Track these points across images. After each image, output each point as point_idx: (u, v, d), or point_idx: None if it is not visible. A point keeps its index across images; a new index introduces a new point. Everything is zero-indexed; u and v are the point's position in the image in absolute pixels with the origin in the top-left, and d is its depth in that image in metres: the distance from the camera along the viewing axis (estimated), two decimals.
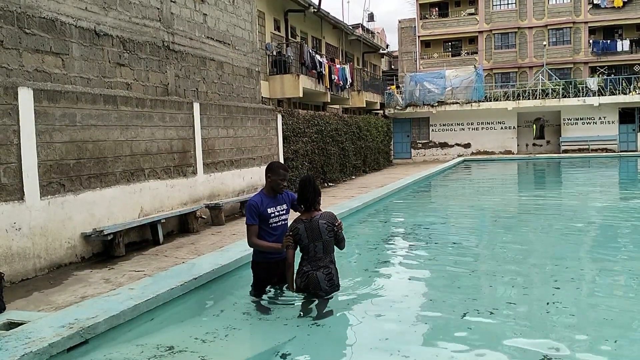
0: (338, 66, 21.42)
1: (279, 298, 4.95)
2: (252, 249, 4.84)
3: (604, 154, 26.90)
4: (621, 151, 27.21)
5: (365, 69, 29.61)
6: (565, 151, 27.89)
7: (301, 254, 4.53)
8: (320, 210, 4.57)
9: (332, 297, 4.63)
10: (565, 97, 27.57)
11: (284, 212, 4.80)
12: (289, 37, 19.64)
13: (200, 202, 9.95)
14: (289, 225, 4.74)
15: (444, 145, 29.96)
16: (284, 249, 4.56)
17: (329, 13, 22.50)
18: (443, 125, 29.83)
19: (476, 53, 37.68)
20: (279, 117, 13.61)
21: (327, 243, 4.42)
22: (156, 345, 4.10)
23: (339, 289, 4.54)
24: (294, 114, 15.08)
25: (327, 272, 4.40)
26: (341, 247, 4.60)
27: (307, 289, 4.44)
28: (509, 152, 28.80)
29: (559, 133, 28.76)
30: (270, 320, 4.62)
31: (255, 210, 4.65)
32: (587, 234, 8.82)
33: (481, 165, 25.29)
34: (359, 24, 35.42)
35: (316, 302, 4.58)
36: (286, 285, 4.75)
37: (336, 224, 4.45)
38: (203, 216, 10.08)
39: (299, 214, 4.67)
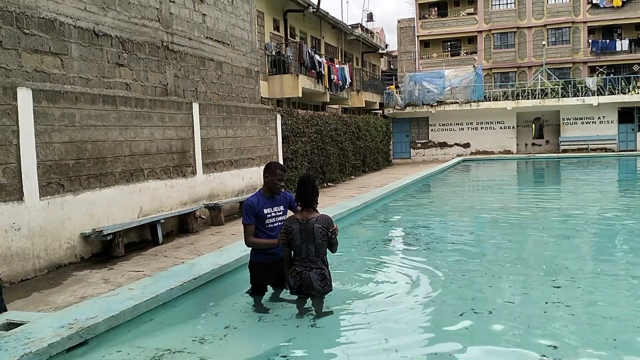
0: (337, 66, 21.43)
1: (278, 298, 4.95)
2: (250, 249, 4.84)
3: (604, 153, 26.91)
4: (620, 151, 27.23)
5: (365, 69, 29.61)
6: (565, 151, 27.91)
7: (293, 253, 4.50)
8: (317, 211, 4.53)
9: (325, 299, 4.62)
10: (564, 96, 27.57)
11: (281, 213, 4.78)
12: (288, 37, 19.64)
13: (200, 202, 9.95)
14: None
15: (443, 145, 29.96)
16: (280, 244, 4.54)
17: (328, 13, 22.50)
18: (442, 125, 29.84)
19: (475, 53, 37.69)
20: (278, 117, 13.61)
21: (319, 246, 4.39)
22: (155, 345, 4.10)
23: (331, 290, 4.52)
24: (293, 114, 15.08)
25: (320, 272, 4.38)
26: (333, 251, 4.55)
27: (301, 289, 4.43)
28: (508, 152, 28.80)
29: (558, 133, 28.78)
30: (269, 320, 4.62)
31: (252, 210, 4.64)
32: (587, 234, 8.83)
33: (480, 165, 25.30)
34: (358, 24, 35.45)
35: (310, 300, 4.57)
36: (285, 285, 4.75)
37: (331, 229, 4.42)
38: (202, 216, 10.09)
39: (295, 213, 4.64)
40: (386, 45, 42.15)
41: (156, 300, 4.66)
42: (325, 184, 16.88)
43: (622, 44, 34.69)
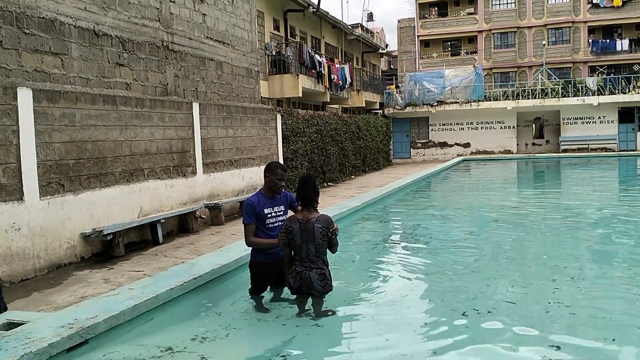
0: (337, 66, 21.42)
1: (278, 298, 4.95)
2: (250, 249, 4.84)
3: (604, 153, 26.90)
4: (620, 150, 27.23)
5: (365, 69, 29.61)
6: (565, 151, 27.90)
7: (294, 253, 4.50)
8: (317, 211, 4.53)
9: (325, 298, 4.61)
10: (564, 96, 27.56)
11: (282, 213, 4.77)
12: (289, 37, 19.64)
13: (200, 202, 9.95)
14: None
15: (443, 144, 29.96)
16: (280, 244, 4.54)
17: (328, 13, 22.50)
18: (442, 124, 29.84)
19: (475, 52, 37.69)
20: (279, 117, 13.61)
21: (319, 246, 4.39)
22: (156, 345, 4.10)
23: (332, 290, 4.52)
24: (294, 114, 15.07)
25: (320, 272, 4.38)
26: (333, 251, 4.55)
27: (301, 289, 4.42)
28: (509, 152, 28.80)
29: (558, 132, 28.78)
30: (269, 320, 4.62)
31: (252, 209, 4.64)
32: (587, 233, 8.82)
33: (480, 165, 25.31)
34: (358, 23, 35.48)
35: (310, 300, 4.57)
36: (285, 285, 4.75)
37: (331, 229, 4.42)
38: (202, 216, 10.08)
39: (295, 213, 4.63)
40: (386, 45, 42.16)
41: (156, 300, 4.66)
42: (325, 184, 16.88)
43: (622, 44, 34.69)
